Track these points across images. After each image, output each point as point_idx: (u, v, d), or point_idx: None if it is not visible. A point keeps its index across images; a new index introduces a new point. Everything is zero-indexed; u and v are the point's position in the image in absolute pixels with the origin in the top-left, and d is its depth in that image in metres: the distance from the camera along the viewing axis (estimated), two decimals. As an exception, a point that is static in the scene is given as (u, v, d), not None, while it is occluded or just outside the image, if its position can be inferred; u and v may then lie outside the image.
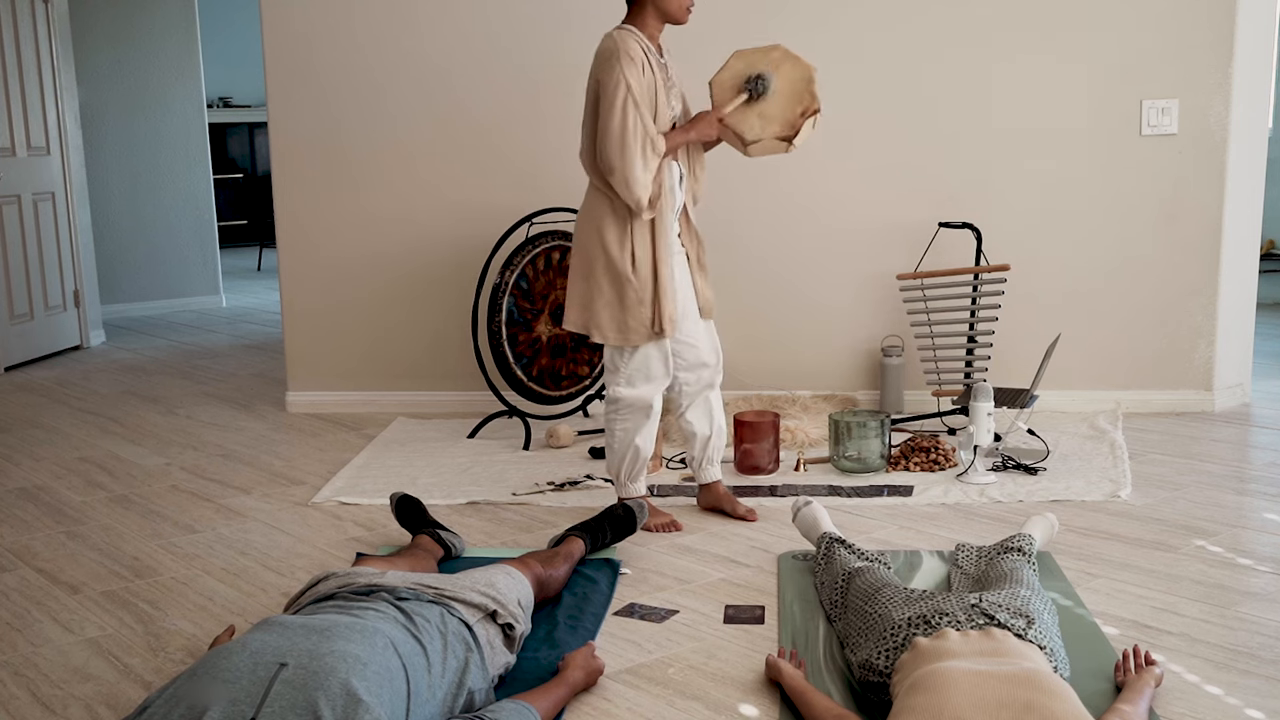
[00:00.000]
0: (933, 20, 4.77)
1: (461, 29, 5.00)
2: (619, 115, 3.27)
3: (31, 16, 6.68)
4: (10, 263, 6.52)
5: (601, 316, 3.42)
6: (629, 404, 3.50)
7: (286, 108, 5.13)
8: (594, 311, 3.44)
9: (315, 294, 5.24)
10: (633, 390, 3.49)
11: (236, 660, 1.94)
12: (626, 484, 3.60)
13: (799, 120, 3.41)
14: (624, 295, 3.39)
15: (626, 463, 3.55)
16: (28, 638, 2.89)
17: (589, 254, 3.45)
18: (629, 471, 3.57)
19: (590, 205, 3.47)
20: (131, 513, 3.90)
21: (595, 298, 3.43)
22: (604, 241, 3.40)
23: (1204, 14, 4.62)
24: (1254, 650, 2.64)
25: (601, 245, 3.41)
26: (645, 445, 3.54)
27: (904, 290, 4.74)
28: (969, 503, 3.76)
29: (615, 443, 3.55)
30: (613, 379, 3.51)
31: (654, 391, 3.50)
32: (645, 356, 3.46)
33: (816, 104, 3.40)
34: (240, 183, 12.82)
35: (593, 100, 3.37)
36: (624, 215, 3.39)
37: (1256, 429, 4.58)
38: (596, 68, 3.35)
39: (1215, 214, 4.73)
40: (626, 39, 3.32)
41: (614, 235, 3.39)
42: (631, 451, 3.54)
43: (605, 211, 3.41)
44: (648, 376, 3.48)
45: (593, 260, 3.43)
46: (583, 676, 2.48)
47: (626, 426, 3.52)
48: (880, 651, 2.32)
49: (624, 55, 3.28)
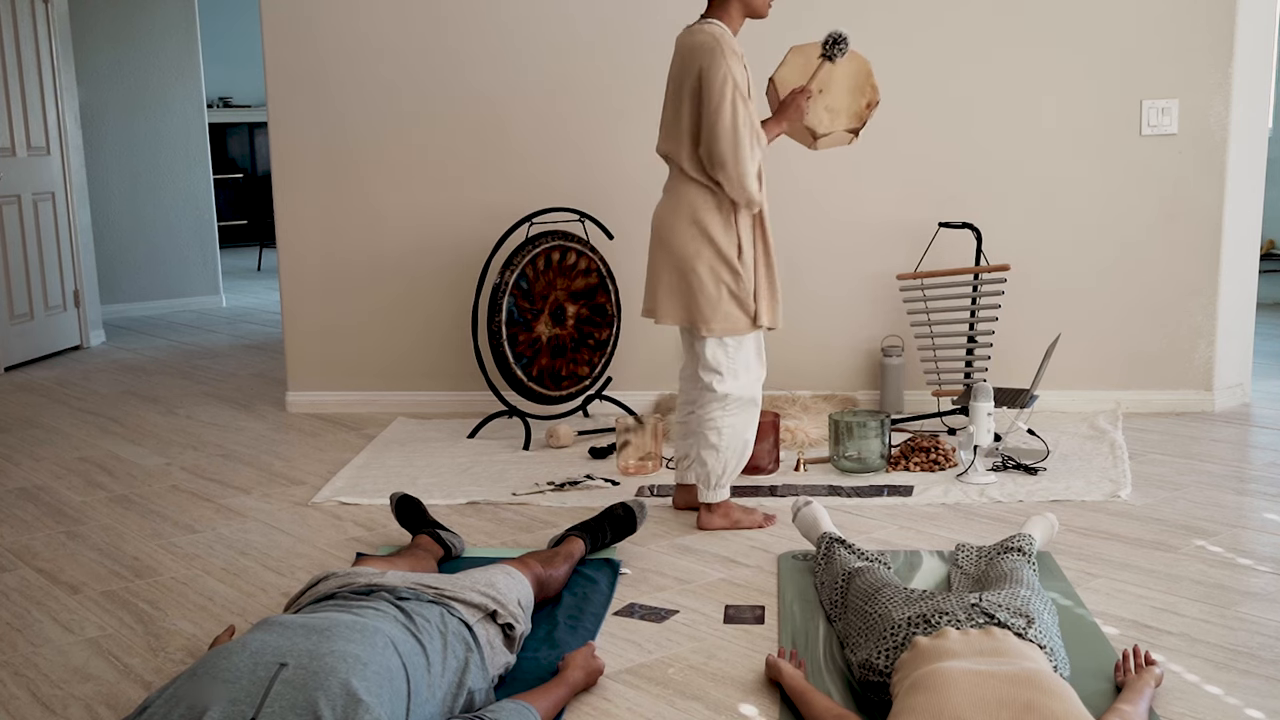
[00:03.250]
0: (932, 21, 4.77)
1: (461, 29, 5.00)
2: (729, 110, 3.26)
3: (31, 16, 6.68)
4: (10, 263, 6.52)
5: (707, 310, 3.40)
6: (738, 399, 3.46)
7: (286, 108, 5.13)
8: (698, 306, 3.40)
9: (315, 294, 5.24)
10: (739, 383, 3.46)
11: (236, 660, 1.94)
12: (721, 486, 3.53)
13: (865, 112, 3.54)
14: (734, 287, 3.39)
15: (735, 460, 3.50)
16: (28, 638, 2.89)
17: (686, 249, 3.39)
18: (733, 471, 3.52)
19: (683, 199, 3.41)
20: (131, 513, 3.90)
21: (698, 292, 3.39)
22: (709, 235, 3.38)
23: (1204, 14, 4.62)
24: (1254, 650, 2.64)
25: (706, 238, 3.38)
26: (752, 440, 3.54)
27: (904, 290, 4.74)
28: (969, 503, 3.76)
29: (723, 441, 3.47)
30: (718, 377, 3.44)
31: (759, 383, 3.51)
32: (749, 349, 3.47)
33: (878, 95, 3.55)
34: (240, 183, 12.82)
35: (692, 94, 3.34)
36: (727, 207, 3.38)
37: (1256, 429, 4.58)
38: (697, 61, 3.31)
39: (1215, 214, 4.73)
40: (726, 33, 3.32)
41: (719, 228, 3.38)
42: (740, 447, 3.49)
43: (705, 205, 3.38)
44: (750, 368, 3.48)
45: (693, 255, 3.39)
46: (583, 676, 2.48)
47: (734, 422, 3.47)
48: (880, 651, 2.32)
49: (728, 49, 3.28)
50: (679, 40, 3.43)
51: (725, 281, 3.39)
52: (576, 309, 4.75)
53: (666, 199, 3.48)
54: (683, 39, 3.40)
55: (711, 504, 3.55)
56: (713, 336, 3.42)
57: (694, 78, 3.32)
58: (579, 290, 4.75)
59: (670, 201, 3.46)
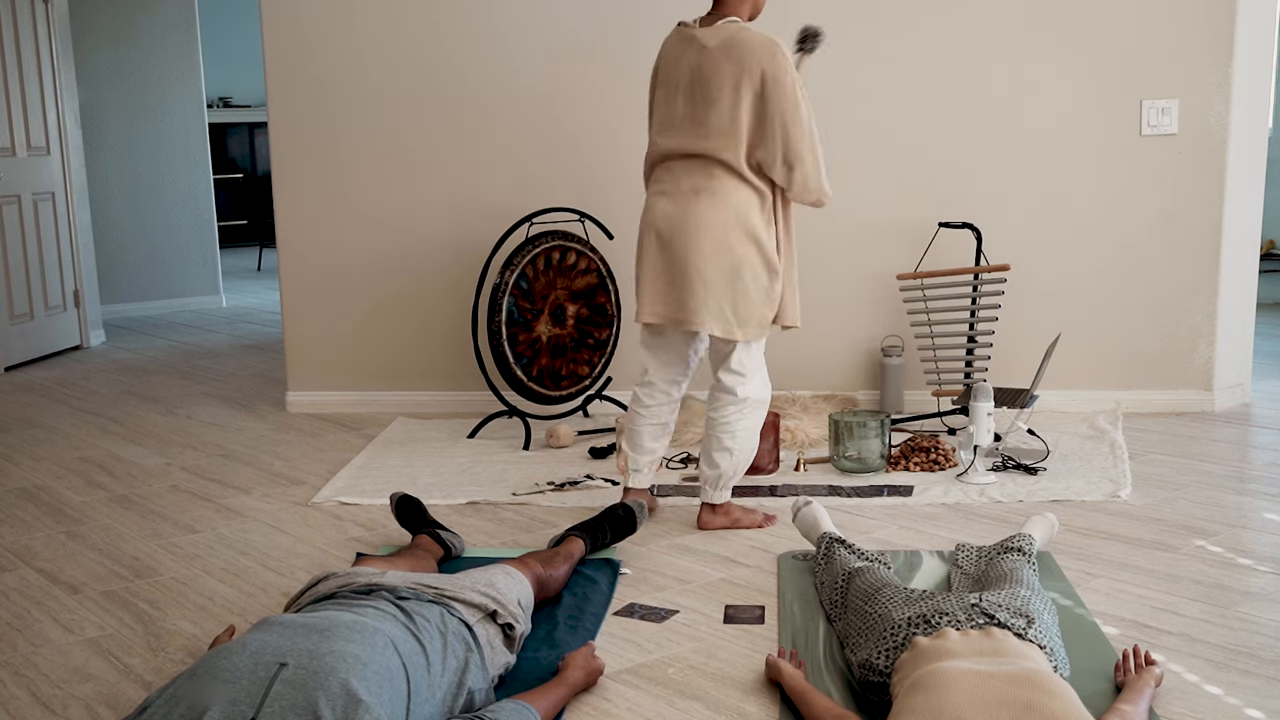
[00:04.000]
0: (933, 22, 4.77)
1: (461, 29, 5.00)
2: (805, 110, 3.25)
3: (31, 16, 6.68)
4: (10, 263, 6.52)
5: (744, 314, 3.34)
6: (756, 401, 3.45)
7: (286, 108, 5.13)
8: (742, 314, 3.34)
9: (315, 294, 5.24)
10: (756, 385, 3.45)
11: (236, 660, 1.94)
12: (727, 487, 3.52)
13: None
14: (770, 290, 3.36)
15: (745, 462, 3.49)
16: (28, 638, 2.89)
17: (735, 253, 3.30)
18: (741, 472, 3.52)
19: (729, 201, 3.30)
20: (131, 513, 3.90)
21: (741, 296, 3.32)
22: (756, 238, 3.32)
23: (1204, 14, 4.62)
24: (1254, 650, 2.64)
25: (754, 242, 3.32)
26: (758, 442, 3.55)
27: (904, 290, 4.74)
28: (969, 503, 3.75)
29: (737, 444, 3.44)
30: (741, 380, 3.41)
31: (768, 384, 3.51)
32: (762, 349, 3.47)
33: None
34: (240, 183, 12.82)
35: (754, 94, 3.23)
36: (769, 208, 3.35)
37: (1256, 429, 4.58)
38: (757, 60, 3.22)
39: (1215, 214, 4.73)
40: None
41: (763, 230, 3.33)
42: (751, 449, 3.49)
43: (753, 207, 3.31)
44: (763, 369, 3.48)
45: (741, 259, 3.31)
46: (583, 676, 2.48)
47: (749, 425, 3.45)
48: (880, 651, 2.32)
49: (785, 51, 3.26)
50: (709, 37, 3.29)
51: (764, 285, 3.35)
52: (576, 309, 4.75)
53: (704, 200, 3.30)
54: (719, 36, 3.27)
55: (715, 504, 3.55)
56: (745, 340, 3.38)
57: (756, 77, 3.22)
58: (579, 290, 4.75)
59: (712, 203, 3.30)
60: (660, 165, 3.42)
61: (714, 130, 3.27)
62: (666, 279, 3.38)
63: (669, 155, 3.37)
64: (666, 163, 3.39)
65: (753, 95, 3.24)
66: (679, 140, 3.34)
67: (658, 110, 3.41)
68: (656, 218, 3.38)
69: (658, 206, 3.39)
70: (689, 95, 3.31)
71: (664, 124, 3.38)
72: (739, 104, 3.24)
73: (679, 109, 3.34)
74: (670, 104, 3.36)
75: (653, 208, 3.40)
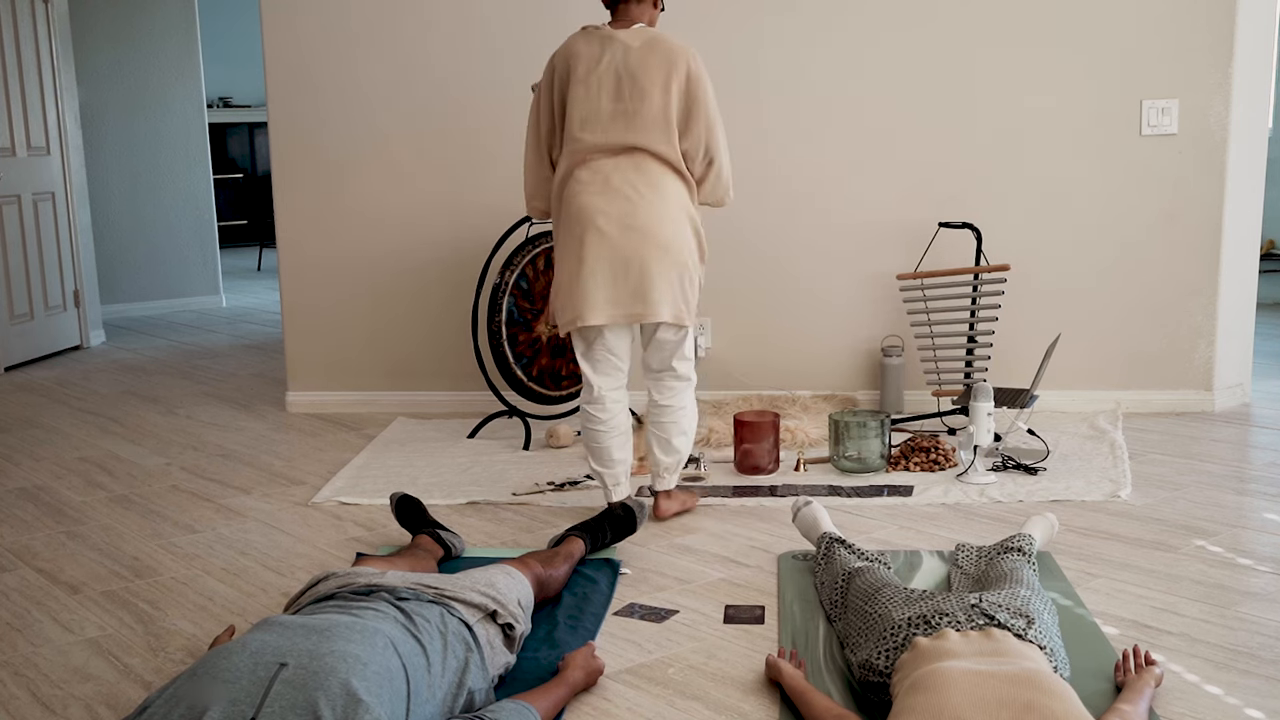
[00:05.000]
0: (933, 22, 4.77)
1: (461, 29, 5.00)
2: (718, 112, 3.44)
3: (31, 16, 6.68)
4: (10, 263, 6.52)
5: (693, 301, 3.47)
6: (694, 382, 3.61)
7: (286, 108, 5.13)
8: (691, 301, 3.46)
9: (315, 294, 5.24)
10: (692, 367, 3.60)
11: (236, 660, 1.94)
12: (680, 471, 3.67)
13: None
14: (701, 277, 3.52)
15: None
16: (28, 638, 2.89)
17: (686, 244, 3.41)
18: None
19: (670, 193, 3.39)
20: (131, 513, 3.90)
21: (688, 285, 3.44)
22: (697, 227, 3.46)
23: (1204, 14, 4.62)
24: (1254, 650, 2.64)
25: (695, 231, 3.46)
26: None
27: (904, 290, 4.74)
28: (969, 503, 3.76)
29: (691, 425, 3.59)
30: (688, 365, 3.54)
31: None
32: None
33: None
34: (240, 183, 12.82)
35: (681, 90, 3.36)
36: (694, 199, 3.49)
37: (1256, 429, 4.58)
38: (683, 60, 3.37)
39: (1215, 214, 4.73)
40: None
41: (698, 219, 3.48)
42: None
43: (686, 196, 3.45)
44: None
45: (690, 249, 3.43)
46: (583, 676, 2.48)
47: (694, 406, 3.61)
48: (880, 651, 2.32)
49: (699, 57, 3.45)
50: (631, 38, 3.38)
51: (700, 271, 3.51)
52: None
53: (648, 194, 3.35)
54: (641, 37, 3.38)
55: (671, 490, 3.63)
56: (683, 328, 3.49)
57: (682, 75, 3.35)
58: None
59: (656, 196, 3.36)
60: (581, 166, 3.39)
61: (648, 123, 3.34)
62: (611, 277, 3.36)
63: (594, 151, 3.37)
64: (591, 161, 3.38)
65: (679, 91, 3.36)
66: (608, 135, 3.36)
67: (577, 108, 3.38)
68: (593, 215, 3.35)
69: (592, 205, 3.35)
70: (616, 92, 3.36)
71: (588, 120, 3.37)
72: (669, 98, 3.35)
73: (604, 105, 3.36)
74: (593, 100, 3.37)
75: (586, 206, 3.36)
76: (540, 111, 3.51)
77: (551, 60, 3.49)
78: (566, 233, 3.41)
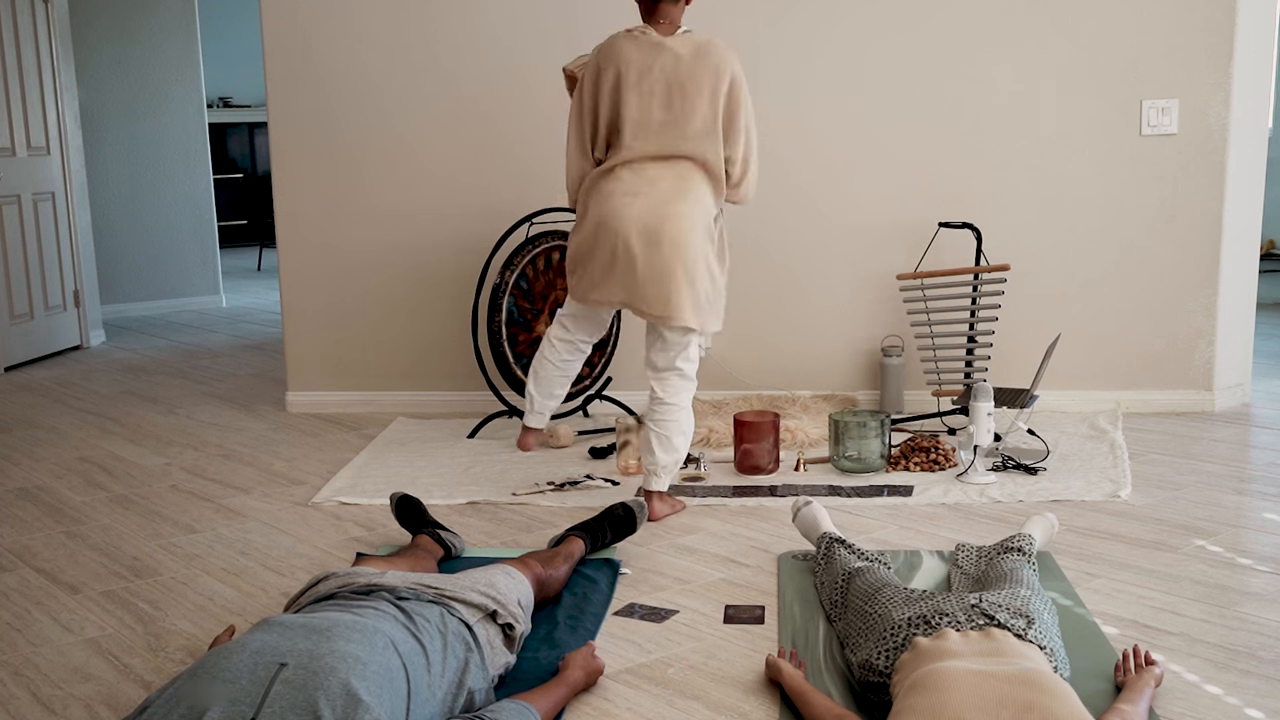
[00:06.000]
0: (933, 22, 4.77)
1: (461, 29, 5.00)
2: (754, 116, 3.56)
3: (31, 16, 6.68)
4: (10, 263, 6.53)
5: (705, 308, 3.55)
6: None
7: (286, 108, 5.13)
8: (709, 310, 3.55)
9: (315, 294, 5.24)
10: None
11: (236, 660, 1.94)
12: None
13: None
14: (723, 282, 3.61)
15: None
16: (28, 638, 2.89)
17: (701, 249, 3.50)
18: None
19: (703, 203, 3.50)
20: (131, 513, 3.90)
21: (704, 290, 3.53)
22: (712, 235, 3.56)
23: (1204, 14, 4.62)
24: (1254, 650, 2.64)
25: (716, 237, 3.56)
26: None
27: (904, 290, 4.74)
28: (969, 503, 3.76)
29: (689, 427, 3.63)
30: (691, 364, 3.61)
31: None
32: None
33: None
34: (240, 183, 12.83)
35: (728, 96, 3.49)
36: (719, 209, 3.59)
37: (1256, 429, 4.58)
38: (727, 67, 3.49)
39: (1215, 214, 4.73)
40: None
41: (714, 228, 3.57)
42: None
43: (712, 207, 3.55)
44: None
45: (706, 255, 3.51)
46: (583, 676, 2.48)
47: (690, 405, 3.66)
48: (880, 651, 2.32)
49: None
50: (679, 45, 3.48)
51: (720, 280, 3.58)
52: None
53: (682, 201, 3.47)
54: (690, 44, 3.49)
55: (665, 493, 3.66)
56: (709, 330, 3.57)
57: (726, 81, 3.47)
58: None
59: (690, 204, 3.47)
60: (625, 166, 3.53)
61: (698, 133, 3.49)
62: (633, 273, 3.50)
63: (641, 158, 3.52)
64: (635, 164, 3.53)
65: (725, 99, 3.49)
66: (657, 143, 3.50)
67: (629, 114, 3.51)
68: (633, 216, 3.48)
69: (633, 206, 3.48)
70: (666, 100, 3.49)
71: (640, 128, 3.51)
72: (716, 108, 3.48)
73: (655, 114, 3.50)
74: (645, 109, 3.51)
75: (626, 207, 3.48)
76: (584, 110, 3.62)
77: (597, 60, 3.57)
78: (604, 224, 3.53)
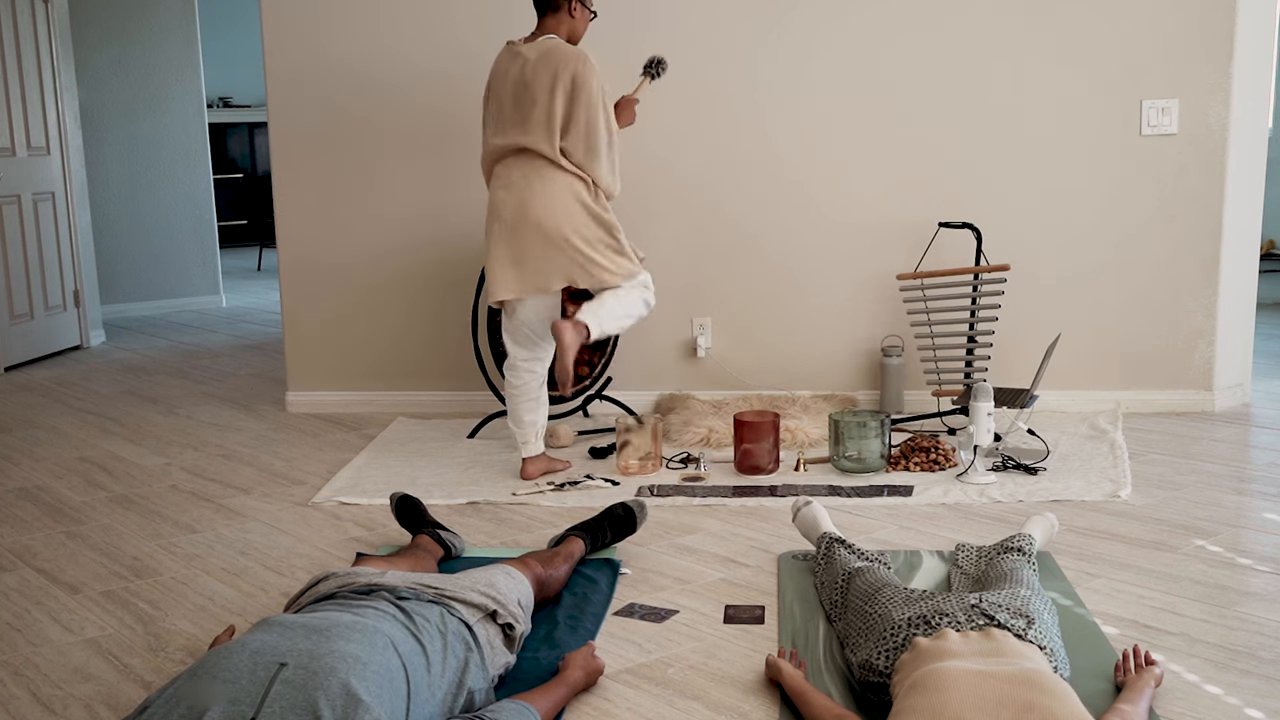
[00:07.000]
0: (933, 22, 4.77)
1: (461, 29, 5.00)
2: (606, 114, 3.87)
3: (31, 16, 6.68)
4: (10, 263, 6.53)
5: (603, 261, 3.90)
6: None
7: (286, 108, 5.13)
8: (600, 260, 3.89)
9: (315, 294, 5.24)
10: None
11: (236, 660, 1.94)
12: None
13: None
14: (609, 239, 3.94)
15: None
16: (28, 638, 2.89)
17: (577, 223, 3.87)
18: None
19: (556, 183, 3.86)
20: (131, 513, 3.90)
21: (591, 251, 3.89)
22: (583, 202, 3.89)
23: (1204, 14, 4.62)
24: (1254, 650, 2.64)
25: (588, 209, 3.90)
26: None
27: (904, 290, 4.74)
28: (969, 503, 3.76)
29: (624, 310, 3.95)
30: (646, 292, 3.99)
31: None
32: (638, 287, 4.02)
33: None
34: (240, 183, 12.83)
35: (565, 93, 3.82)
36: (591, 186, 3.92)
37: (1256, 429, 4.58)
38: (568, 66, 3.81)
39: (1215, 214, 4.73)
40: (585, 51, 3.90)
41: (590, 198, 3.90)
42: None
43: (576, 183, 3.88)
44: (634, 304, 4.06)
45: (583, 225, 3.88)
46: (583, 676, 2.48)
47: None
48: (880, 651, 2.32)
49: (594, 64, 3.85)
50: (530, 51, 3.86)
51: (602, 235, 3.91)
52: (576, 309, 4.75)
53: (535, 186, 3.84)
54: (539, 49, 3.84)
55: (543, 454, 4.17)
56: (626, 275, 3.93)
57: (567, 80, 3.80)
58: (578, 290, 4.75)
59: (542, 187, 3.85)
60: (498, 163, 3.97)
61: (534, 125, 3.84)
62: (513, 260, 3.90)
63: (501, 152, 3.93)
64: (503, 160, 3.95)
65: (564, 95, 3.82)
66: (507, 138, 3.90)
67: (490, 116, 3.97)
68: (500, 209, 3.92)
69: (501, 199, 3.92)
70: (515, 100, 3.89)
71: (495, 126, 3.94)
72: (553, 103, 3.82)
73: (506, 112, 3.90)
74: (500, 109, 3.93)
75: (498, 201, 3.93)
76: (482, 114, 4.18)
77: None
78: (488, 220, 3.98)
